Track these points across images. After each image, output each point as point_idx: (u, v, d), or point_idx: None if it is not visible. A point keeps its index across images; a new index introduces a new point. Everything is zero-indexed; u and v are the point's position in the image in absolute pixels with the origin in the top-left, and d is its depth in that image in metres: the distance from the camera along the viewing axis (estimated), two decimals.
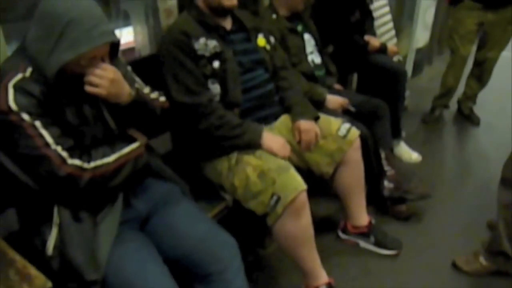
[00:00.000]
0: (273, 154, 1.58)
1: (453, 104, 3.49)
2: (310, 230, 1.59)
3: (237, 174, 1.57)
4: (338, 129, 1.81)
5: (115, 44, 1.20)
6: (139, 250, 1.20)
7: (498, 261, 1.84)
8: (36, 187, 1.14)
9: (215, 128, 1.57)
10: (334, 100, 2.15)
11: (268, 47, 1.81)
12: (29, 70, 1.10)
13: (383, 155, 2.20)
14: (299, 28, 2.25)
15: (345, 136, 1.80)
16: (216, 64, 1.60)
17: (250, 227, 1.79)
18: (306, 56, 2.24)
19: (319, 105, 2.07)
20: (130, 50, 2.25)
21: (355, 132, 1.82)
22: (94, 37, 1.07)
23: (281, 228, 1.54)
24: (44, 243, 1.15)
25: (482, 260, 1.88)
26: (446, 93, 3.32)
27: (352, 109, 2.21)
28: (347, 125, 1.83)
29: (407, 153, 2.75)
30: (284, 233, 1.56)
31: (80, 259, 1.13)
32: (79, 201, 1.17)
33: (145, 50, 1.87)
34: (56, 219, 1.15)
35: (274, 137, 1.63)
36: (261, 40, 1.79)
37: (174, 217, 1.31)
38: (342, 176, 1.87)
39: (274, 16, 2.16)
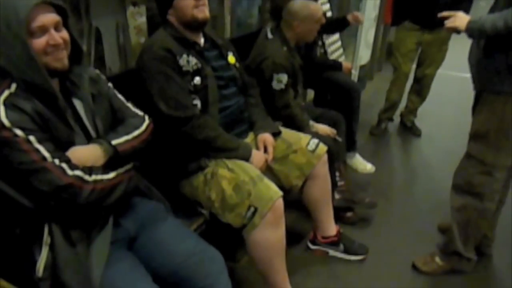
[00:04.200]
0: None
1: (396, 117, 3.76)
2: (284, 241, 1.64)
3: (213, 188, 1.60)
4: (308, 143, 1.89)
5: (79, 49, 1.18)
6: (130, 270, 1.19)
7: (452, 261, 2.02)
8: (29, 204, 1.09)
9: (212, 139, 1.62)
10: (322, 129, 2.24)
11: (237, 64, 1.87)
12: (13, 86, 1.07)
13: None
14: None
15: (314, 151, 1.89)
16: (197, 80, 1.63)
17: (223, 240, 1.81)
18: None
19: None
20: None
21: (323, 148, 1.92)
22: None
23: (258, 239, 1.57)
24: (33, 264, 1.11)
25: (438, 260, 2.05)
26: (390, 107, 3.58)
27: (339, 139, 2.33)
28: (315, 140, 1.92)
29: (362, 164, 2.92)
30: (261, 243, 1.58)
31: (73, 282, 1.10)
32: (73, 220, 1.13)
33: (115, 67, 1.86)
34: (46, 239, 1.11)
35: (259, 154, 1.75)
36: (231, 58, 1.84)
37: (162, 234, 1.31)
38: (311, 190, 1.95)
39: (285, 48, 2.18)
